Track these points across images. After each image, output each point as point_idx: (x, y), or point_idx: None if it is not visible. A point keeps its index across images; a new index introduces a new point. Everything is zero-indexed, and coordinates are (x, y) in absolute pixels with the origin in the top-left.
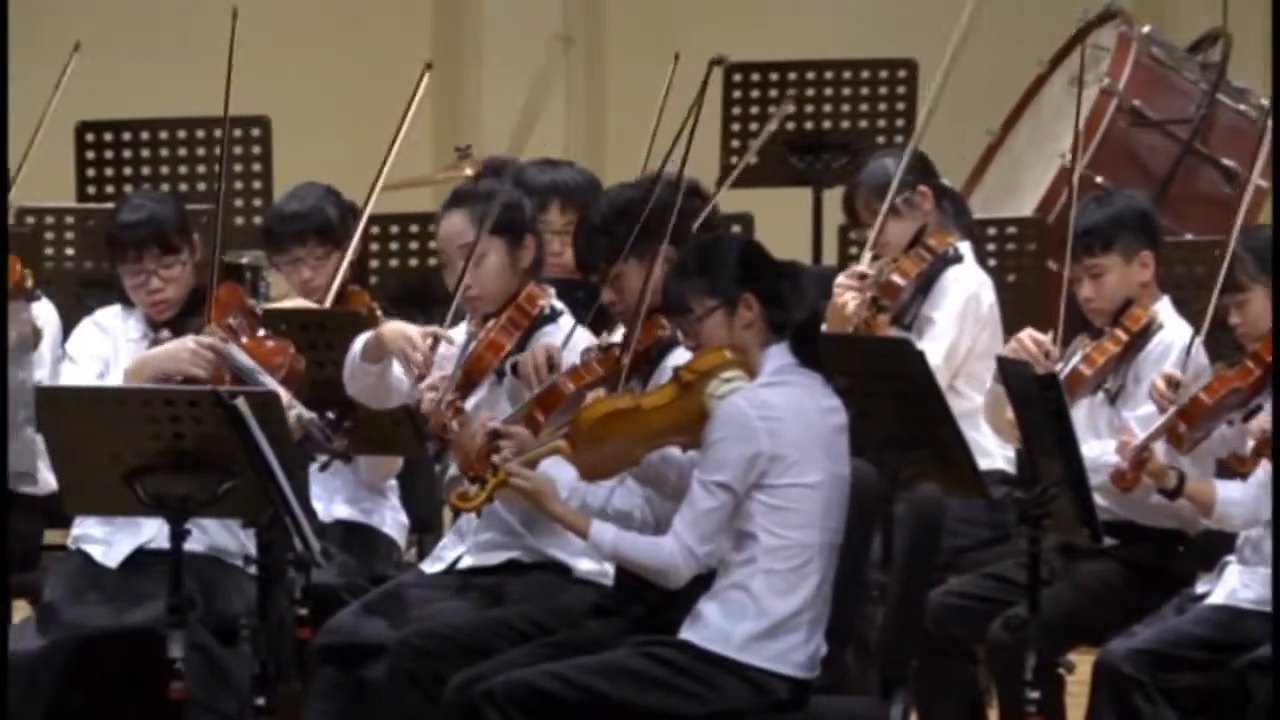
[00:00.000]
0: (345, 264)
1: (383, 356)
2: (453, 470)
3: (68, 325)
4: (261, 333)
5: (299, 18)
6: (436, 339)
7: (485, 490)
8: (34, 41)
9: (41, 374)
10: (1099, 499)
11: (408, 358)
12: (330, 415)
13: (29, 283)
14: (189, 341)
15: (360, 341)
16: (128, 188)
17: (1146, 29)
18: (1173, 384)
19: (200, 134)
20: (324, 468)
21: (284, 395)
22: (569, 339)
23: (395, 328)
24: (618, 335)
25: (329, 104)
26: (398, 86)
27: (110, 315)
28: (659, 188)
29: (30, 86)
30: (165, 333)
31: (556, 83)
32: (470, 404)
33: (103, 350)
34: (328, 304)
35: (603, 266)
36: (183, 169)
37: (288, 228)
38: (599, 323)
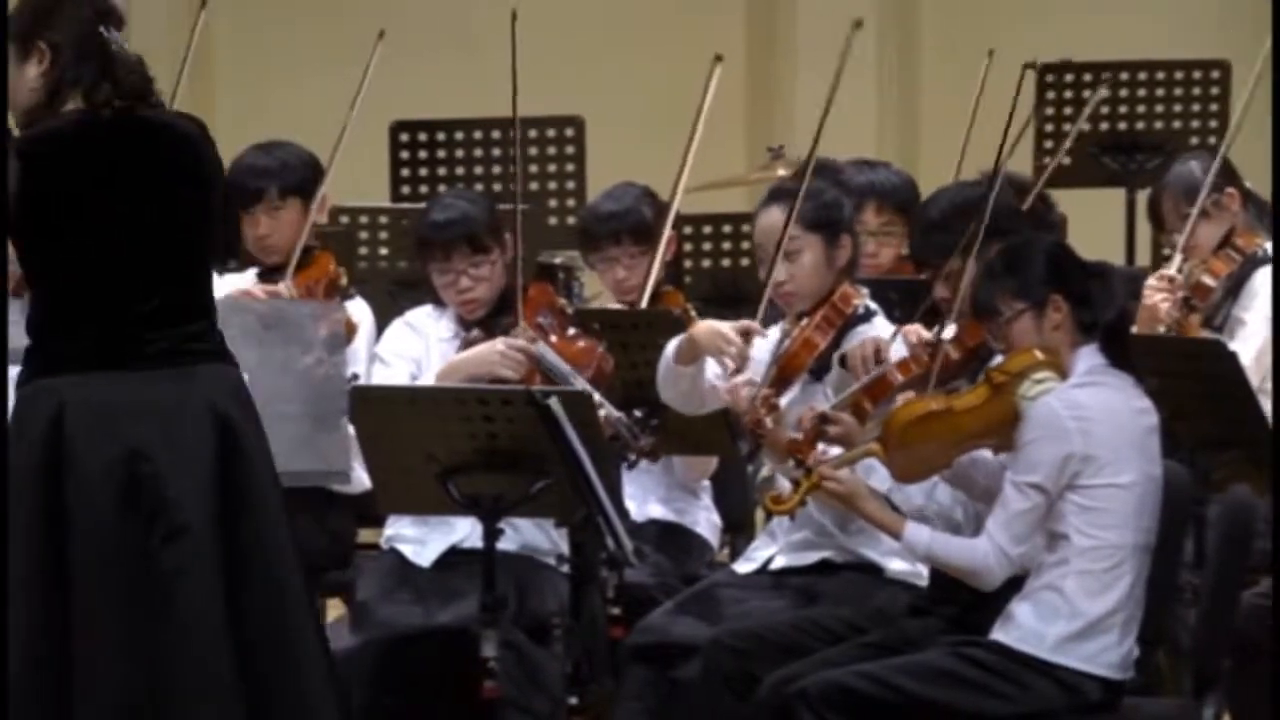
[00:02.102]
0: (658, 263)
1: (696, 358)
2: (765, 471)
3: (382, 325)
4: (571, 332)
5: (613, 17)
6: (749, 333)
7: (799, 493)
8: (342, 39)
9: (357, 369)
10: None
11: (722, 353)
12: (638, 414)
13: (343, 280)
14: (498, 344)
15: (673, 345)
16: (441, 187)
17: None
18: None
19: (514, 134)
20: (631, 466)
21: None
22: (890, 342)
23: (707, 326)
24: (948, 331)
25: (642, 103)
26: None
27: (421, 315)
28: (999, 187)
29: (342, 84)
30: (476, 332)
31: (869, 80)
32: (783, 402)
33: (414, 351)
34: (643, 304)
35: (938, 262)
36: (496, 169)
37: (604, 227)
38: (928, 319)
